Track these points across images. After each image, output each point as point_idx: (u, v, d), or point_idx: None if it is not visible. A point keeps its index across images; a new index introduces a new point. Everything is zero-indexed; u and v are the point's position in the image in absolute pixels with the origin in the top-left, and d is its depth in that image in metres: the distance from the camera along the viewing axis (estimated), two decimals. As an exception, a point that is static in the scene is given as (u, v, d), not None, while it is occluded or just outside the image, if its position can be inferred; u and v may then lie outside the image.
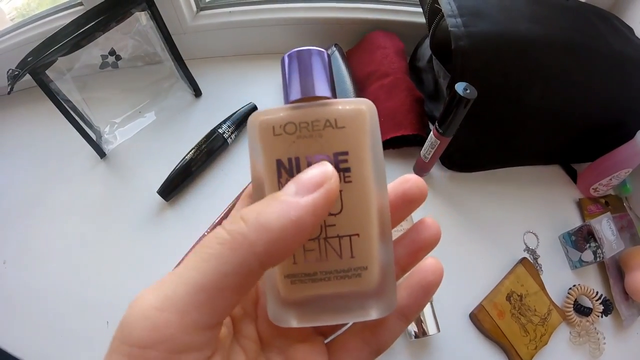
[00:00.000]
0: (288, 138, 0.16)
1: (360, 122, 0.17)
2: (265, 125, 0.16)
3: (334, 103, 0.17)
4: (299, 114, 0.16)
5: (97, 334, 0.40)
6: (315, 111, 0.16)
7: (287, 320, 0.17)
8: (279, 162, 0.16)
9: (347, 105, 0.17)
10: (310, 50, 0.17)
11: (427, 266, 0.18)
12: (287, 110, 0.17)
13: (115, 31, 0.45)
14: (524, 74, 0.42)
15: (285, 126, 0.16)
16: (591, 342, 0.43)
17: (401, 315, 0.18)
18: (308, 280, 0.16)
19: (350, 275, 0.16)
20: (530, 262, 0.45)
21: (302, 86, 0.17)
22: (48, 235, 0.46)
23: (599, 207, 0.51)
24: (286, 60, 0.18)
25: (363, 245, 0.16)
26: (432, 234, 0.18)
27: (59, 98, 0.45)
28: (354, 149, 0.16)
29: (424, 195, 0.18)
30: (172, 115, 0.54)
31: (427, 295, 0.18)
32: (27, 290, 0.43)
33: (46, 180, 0.49)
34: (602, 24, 0.46)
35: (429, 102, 0.53)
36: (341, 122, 0.16)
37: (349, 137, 0.16)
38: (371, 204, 0.16)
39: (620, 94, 0.46)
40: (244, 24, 0.55)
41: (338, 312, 0.17)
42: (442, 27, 0.44)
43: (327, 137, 0.16)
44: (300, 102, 0.17)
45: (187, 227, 0.45)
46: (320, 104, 0.17)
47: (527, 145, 0.49)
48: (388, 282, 0.17)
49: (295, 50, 0.18)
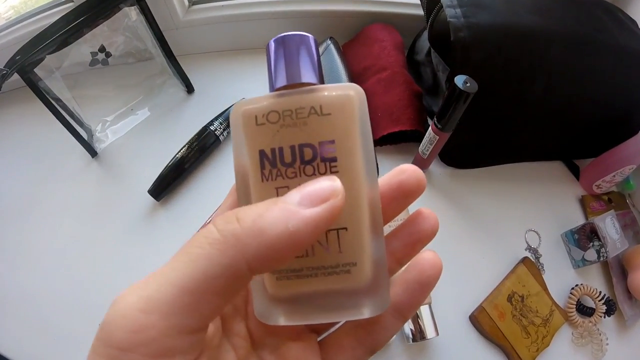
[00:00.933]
0: (271, 127, 0.15)
1: (348, 108, 0.16)
2: (247, 114, 0.16)
3: (319, 89, 0.16)
4: (282, 102, 0.16)
5: (88, 335, 0.40)
6: (299, 98, 0.16)
7: (274, 317, 0.16)
8: (262, 152, 0.15)
9: (333, 91, 0.16)
10: (295, 35, 0.17)
11: (424, 260, 0.17)
12: (270, 99, 0.16)
13: (104, 27, 0.44)
14: (526, 67, 0.41)
15: (268, 115, 0.15)
16: (594, 342, 0.42)
17: (397, 312, 0.17)
18: (294, 277, 0.15)
19: (338, 272, 0.15)
20: (532, 262, 0.44)
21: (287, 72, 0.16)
22: (39, 236, 0.45)
23: (601, 204, 0.50)
24: (271, 46, 0.17)
25: (352, 240, 0.15)
26: (430, 226, 0.17)
27: (49, 97, 0.44)
28: (341, 137, 0.15)
29: (421, 187, 0.17)
30: (164, 113, 0.53)
31: (424, 290, 0.17)
32: (19, 291, 0.42)
33: (37, 181, 0.48)
34: (606, 17, 0.45)
35: (427, 96, 0.52)
36: (327, 108, 0.15)
37: (335, 125, 0.15)
38: (360, 196, 0.15)
39: (624, 89, 0.44)
40: (236, 18, 0.54)
41: (328, 310, 0.16)
42: (441, 18, 0.43)
43: (312, 125, 0.15)
44: (285, 90, 0.16)
45: (178, 226, 0.45)
46: (304, 90, 0.16)
47: (529, 141, 0.48)
48: (380, 279, 0.16)
49: (280, 36, 0.17)
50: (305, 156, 0.15)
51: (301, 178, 0.15)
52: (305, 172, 0.15)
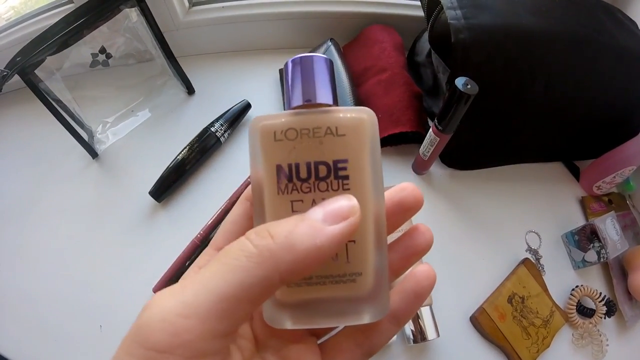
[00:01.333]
0: (289, 144, 0.16)
1: (361, 131, 0.17)
2: (266, 130, 0.17)
3: (335, 111, 0.17)
4: (300, 120, 0.17)
5: (90, 337, 0.40)
6: (316, 118, 0.17)
7: (281, 322, 0.17)
8: (279, 167, 0.16)
9: (348, 114, 0.17)
10: (314, 57, 0.18)
11: (420, 272, 0.18)
12: (288, 116, 0.17)
13: (104, 29, 0.44)
14: (527, 68, 0.41)
15: (286, 132, 0.16)
16: (594, 343, 0.42)
17: (393, 319, 0.18)
18: (304, 284, 0.17)
19: (345, 280, 0.17)
20: (533, 263, 0.44)
21: (304, 92, 0.17)
22: (40, 237, 0.45)
23: (602, 205, 0.50)
24: (289, 65, 0.18)
25: (359, 252, 0.17)
26: (425, 240, 0.19)
27: (49, 98, 0.44)
28: (353, 157, 0.17)
29: (419, 204, 0.19)
30: (164, 114, 0.53)
31: (419, 300, 0.18)
32: (19, 292, 0.42)
33: (37, 182, 0.48)
34: (606, 18, 0.45)
35: (427, 98, 0.52)
36: (342, 130, 0.16)
37: (348, 145, 0.17)
38: (368, 212, 0.17)
39: (625, 90, 0.45)
40: (237, 19, 0.54)
41: (332, 316, 0.17)
42: (441, 19, 0.43)
43: (328, 144, 0.16)
44: (302, 109, 0.17)
45: (179, 228, 0.45)
46: (321, 111, 0.17)
47: (529, 142, 0.48)
48: (381, 288, 0.17)
49: (299, 57, 0.18)
50: (320, 173, 0.16)
51: (315, 193, 0.16)
52: (319, 187, 0.16)
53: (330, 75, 0.18)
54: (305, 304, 0.17)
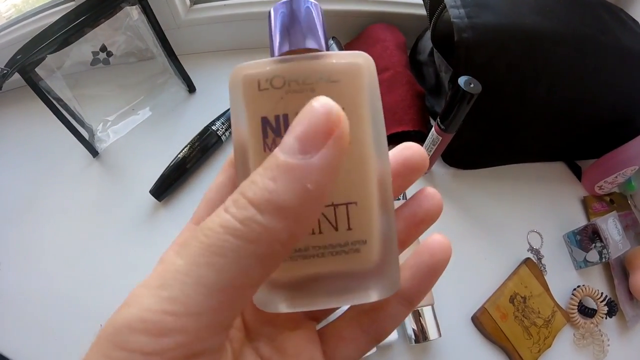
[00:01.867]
0: (275, 93, 0.14)
1: (357, 76, 0.15)
2: (249, 79, 0.15)
3: (327, 56, 0.15)
4: (287, 67, 0.14)
5: (90, 336, 0.40)
6: (306, 64, 0.14)
7: (275, 305, 0.14)
8: (265, 119, 0.14)
9: (342, 59, 0.15)
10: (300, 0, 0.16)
11: (433, 243, 0.16)
12: (274, 63, 0.15)
13: (105, 27, 0.43)
14: (530, 68, 0.41)
15: (272, 80, 0.14)
16: (595, 343, 0.42)
17: (404, 299, 0.16)
18: (299, 257, 0.14)
19: (347, 251, 0.14)
20: (534, 263, 0.44)
21: (291, 37, 0.15)
22: (40, 236, 0.45)
23: (603, 205, 0.50)
24: (273, 12, 0.16)
25: (362, 215, 0.14)
26: (434, 205, 0.16)
27: (50, 96, 0.43)
28: (349, 105, 0.14)
29: (426, 164, 0.17)
30: (165, 112, 0.52)
31: (434, 275, 0.16)
32: (19, 291, 0.42)
33: (37, 180, 0.48)
34: (609, 17, 0.45)
35: (430, 97, 0.52)
36: (335, 76, 0.14)
37: (344, 93, 0.14)
38: (370, 169, 0.14)
39: (628, 90, 0.44)
40: (238, 17, 0.53)
41: (333, 294, 0.15)
42: (444, 18, 0.42)
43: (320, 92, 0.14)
44: (288, 55, 0.15)
45: (180, 227, 0.43)
46: (311, 56, 0.15)
47: (532, 141, 0.48)
48: (390, 259, 0.15)
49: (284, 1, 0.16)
50: None
51: None
52: None
53: (319, 19, 0.16)
54: (302, 282, 0.15)
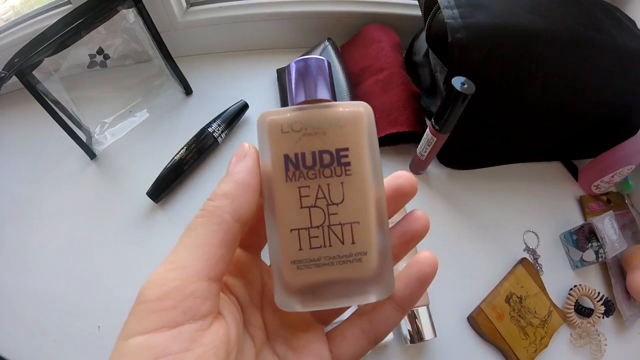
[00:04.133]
0: (295, 135, 0.18)
1: (359, 122, 0.18)
2: (273, 124, 0.18)
3: (335, 105, 0.19)
4: (304, 115, 0.18)
5: (88, 338, 0.40)
6: (319, 112, 0.18)
7: (292, 305, 0.18)
8: (287, 156, 0.18)
9: (346, 108, 0.19)
10: (314, 59, 0.20)
11: (422, 258, 0.19)
12: (293, 111, 0.19)
13: (101, 29, 0.44)
14: (525, 68, 0.41)
15: (292, 125, 0.18)
16: (592, 343, 0.42)
17: (397, 305, 0.19)
18: (313, 266, 0.18)
19: (351, 260, 0.18)
20: (530, 263, 0.44)
21: (306, 90, 0.19)
22: (38, 238, 0.45)
23: (600, 204, 0.50)
24: (292, 67, 0.20)
25: (363, 232, 0.18)
26: (422, 225, 0.20)
27: (47, 99, 0.44)
28: (353, 145, 0.18)
29: (414, 190, 0.20)
30: (162, 114, 0.53)
31: (422, 286, 0.19)
32: (17, 293, 0.42)
33: (35, 183, 0.48)
34: (605, 17, 0.45)
35: (425, 97, 0.52)
36: (342, 122, 0.18)
37: (348, 135, 0.18)
38: (369, 195, 0.18)
39: (624, 89, 0.44)
40: (234, 20, 0.54)
41: (340, 296, 0.18)
42: (439, 19, 0.43)
43: (330, 135, 0.18)
44: (304, 105, 0.19)
45: (177, 228, 0.44)
46: (323, 106, 0.19)
47: (527, 141, 0.48)
48: (386, 267, 0.18)
49: (301, 59, 0.20)
50: (324, 160, 0.18)
51: (320, 179, 0.18)
52: (324, 174, 0.18)
53: (329, 75, 0.20)
54: (314, 286, 0.18)
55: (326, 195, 0.18)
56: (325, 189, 0.18)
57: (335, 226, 0.18)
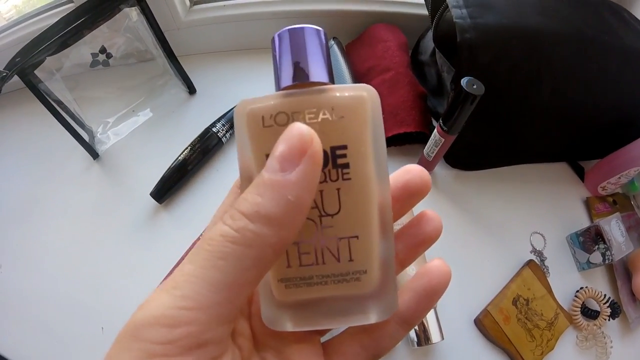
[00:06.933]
0: (279, 130, 0.14)
1: (361, 111, 0.15)
2: (253, 115, 0.15)
3: (330, 90, 0.15)
4: (291, 102, 0.14)
5: (92, 339, 0.39)
6: (309, 99, 0.14)
7: (282, 323, 0.16)
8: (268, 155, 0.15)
9: (345, 92, 0.15)
10: (304, 28, 0.15)
11: (433, 268, 0.16)
12: (278, 98, 0.15)
13: (104, 28, 0.43)
14: (533, 69, 0.40)
15: (275, 116, 0.14)
16: (598, 346, 0.42)
17: (402, 321, 0.17)
18: (303, 285, 0.15)
19: (349, 280, 0.15)
20: (537, 264, 0.44)
21: (295, 70, 0.15)
22: (40, 238, 0.44)
23: (606, 206, 0.50)
24: (277, 40, 0.15)
25: (363, 248, 0.15)
26: (434, 228, 0.17)
27: (49, 99, 0.43)
28: (353, 142, 0.15)
29: (427, 187, 0.17)
30: (166, 114, 0.52)
31: (431, 300, 0.17)
32: (21, 294, 0.42)
33: (38, 183, 0.48)
34: (613, 18, 0.44)
35: (432, 97, 0.51)
36: (339, 111, 0.14)
37: (347, 129, 0.15)
38: (372, 203, 0.15)
39: (632, 90, 0.44)
40: (238, 18, 0.53)
41: (335, 315, 0.16)
42: (446, 18, 0.42)
43: (323, 129, 0.14)
44: (292, 89, 0.15)
45: (181, 229, 0.44)
46: (315, 90, 0.15)
47: (535, 142, 0.48)
48: (389, 284, 0.15)
49: (288, 29, 0.15)
50: None
51: None
52: None
53: (324, 49, 0.16)
54: (306, 303, 0.16)
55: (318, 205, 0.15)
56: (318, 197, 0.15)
57: (330, 241, 0.15)
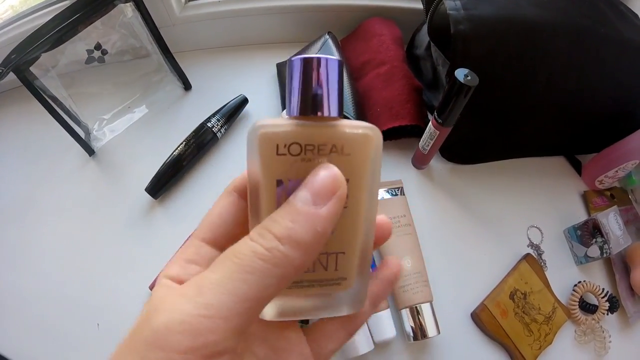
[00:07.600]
0: (290, 159, 0.16)
1: (366, 149, 0.16)
2: (268, 140, 0.16)
3: (342, 126, 0.16)
4: (305, 134, 0.16)
5: (87, 336, 0.40)
6: (323, 133, 0.16)
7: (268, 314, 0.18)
8: (280, 181, 0.16)
9: (354, 130, 0.16)
10: (328, 60, 0.16)
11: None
12: (292, 127, 0.16)
13: (99, 24, 0.43)
14: (529, 61, 0.40)
15: (290, 146, 0.16)
16: (597, 340, 0.41)
17: (371, 302, 0.20)
18: (294, 286, 0.18)
19: (331, 284, 0.18)
20: (535, 258, 0.43)
21: (313, 102, 0.16)
22: (36, 236, 0.44)
23: (604, 199, 0.49)
24: (298, 64, 0.16)
25: (347, 261, 0.18)
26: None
27: (45, 95, 0.43)
28: (354, 176, 0.16)
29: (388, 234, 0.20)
30: (161, 110, 0.52)
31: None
32: (16, 291, 0.42)
33: (34, 180, 0.48)
34: (609, 10, 0.44)
35: (427, 91, 0.51)
36: (348, 148, 0.16)
37: (352, 165, 0.16)
38: (359, 228, 0.18)
39: (628, 83, 0.44)
40: (233, 14, 0.53)
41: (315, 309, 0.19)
42: (441, 11, 0.42)
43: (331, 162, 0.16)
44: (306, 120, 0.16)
45: (176, 224, 0.44)
46: (329, 125, 0.16)
47: (531, 136, 0.47)
48: (362, 288, 0.19)
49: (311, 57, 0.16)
50: None
51: None
52: None
53: (341, 82, 0.16)
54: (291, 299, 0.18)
55: None
56: None
57: (321, 255, 0.17)
